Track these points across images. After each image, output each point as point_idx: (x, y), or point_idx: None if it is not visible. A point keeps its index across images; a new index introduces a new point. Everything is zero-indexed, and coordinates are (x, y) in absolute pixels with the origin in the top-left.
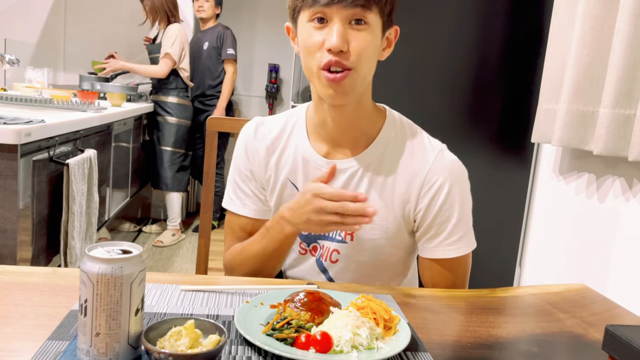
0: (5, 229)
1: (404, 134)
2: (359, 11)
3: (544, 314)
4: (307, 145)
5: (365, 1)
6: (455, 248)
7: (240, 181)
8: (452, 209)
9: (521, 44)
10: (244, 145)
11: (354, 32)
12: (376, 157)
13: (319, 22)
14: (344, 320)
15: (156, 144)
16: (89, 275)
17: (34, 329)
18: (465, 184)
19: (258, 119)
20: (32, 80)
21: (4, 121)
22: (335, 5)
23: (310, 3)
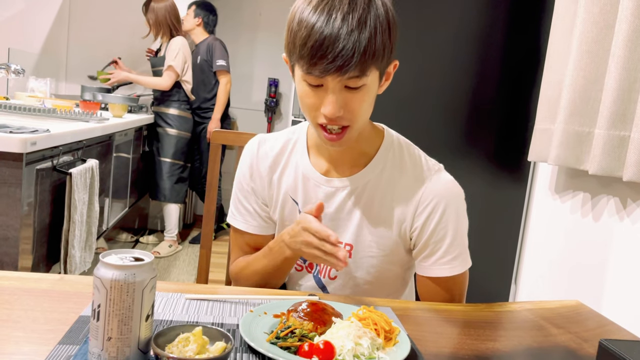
0: (8, 236)
1: (402, 154)
2: (354, 80)
3: (539, 329)
4: (307, 163)
5: (360, 70)
6: (450, 267)
7: (242, 198)
8: (446, 229)
9: (518, 65)
10: (248, 163)
11: (351, 94)
12: (374, 177)
13: (314, 85)
14: (346, 330)
15: (155, 155)
16: (102, 281)
17: (45, 333)
18: (460, 205)
19: (260, 137)
20: (35, 90)
21: (10, 130)
22: (330, 76)
23: (304, 68)
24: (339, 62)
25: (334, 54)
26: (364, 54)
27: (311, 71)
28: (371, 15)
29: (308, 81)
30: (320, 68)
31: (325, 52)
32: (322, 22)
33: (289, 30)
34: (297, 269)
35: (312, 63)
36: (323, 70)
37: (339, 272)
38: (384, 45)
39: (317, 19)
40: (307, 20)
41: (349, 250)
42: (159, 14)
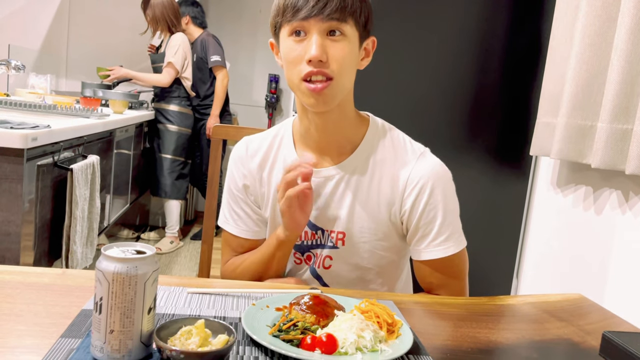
0: (9, 232)
1: (387, 139)
2: (335, 23)
3: (541, 322)
4: (294, 156)
5: (340, 14)
6: (444, 248)
7: (232, 203)
8: (436, 209)
9: (521, 59)
10: (237, 166)
11: (332, 42)
12: (360, 163)
13: (298, 36)
14: (348, 323)
15: (156, 151)
16: (104, 273)
17: (47, 326)
18: (448, 185)
19: (247, 138)
20: (35, 87)
21: (11, 125)
22: (313, 18)
23: (289, 18)
24: (321, 4)
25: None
26: (343, 0)
27: (294, 18)
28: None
29: (293, 30)
30: (303, 14)
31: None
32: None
33: (274, 5)
34: (296, 262)
35: (295, 10)
36: (305, 15)
37: (333, 261)
38: (361, 4)
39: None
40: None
41: (342, 238)
42: (156, 10)
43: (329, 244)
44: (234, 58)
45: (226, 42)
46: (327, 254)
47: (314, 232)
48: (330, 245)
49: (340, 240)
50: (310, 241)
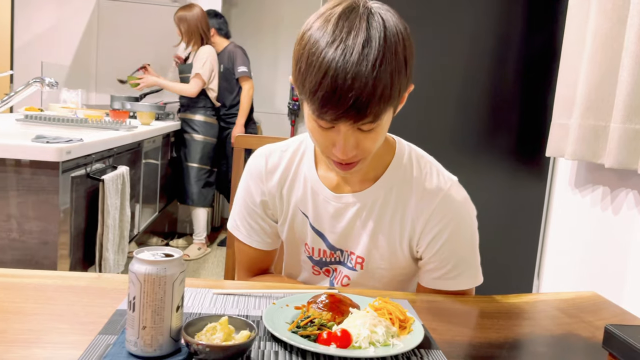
0: (47, 240)
1: (412, 170)
2: (367, 125)
3: (552, 318)
4: (315, 177)
5: (374, 117)
6: (456, 282)
7: (247, 215)
8: (453, 248)
9: (536, 61)
10: (255, 181)
11: (363, 135)
12: (384, 192)
13: (324, 127)
14: (362, 320)
15: (183, 160)
16: (137, 275)
17: (86, 325)
18: (470, 223)
19: (265, 150)
20: (67, 101)
21: (47, 140)
22: (342, 122)
23: (315, 114)
24: (353, 112)
25: (347, 103)
26: (378, 101)
27: (322, 117)
28: (387, 56)
29: (318, 123)
30: (332, 116)
31: (338, 102)
32: (334, 67)
33: (297, 65)
34: (314, 273)
35: (323, 111)
36: (335, 118)
37: (350, 281)
38: (400, 87)
39: (329, 64)
40: (318, 62)
41: (361, 263)
42: (191, 23)
43: (348, 264)
44: (256, 66)
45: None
46: (345, 274)
47: (333, 252)
48: (350, 267)
49: (359, 264)
50: (330, 259)
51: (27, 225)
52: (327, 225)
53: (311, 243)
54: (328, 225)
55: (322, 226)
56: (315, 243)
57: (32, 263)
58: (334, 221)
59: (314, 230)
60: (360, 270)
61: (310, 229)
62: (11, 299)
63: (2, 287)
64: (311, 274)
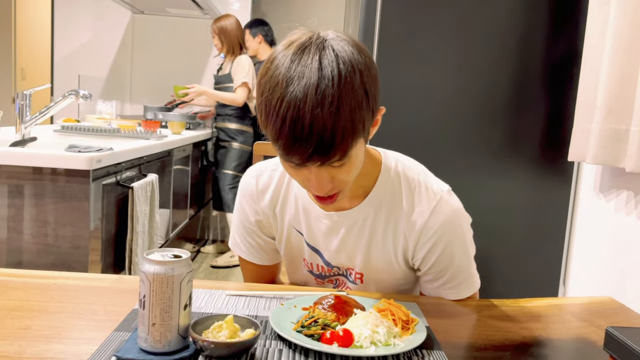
0: (79, 245)
1: (400, 184)
2: (337, 162)
3: (562, 322)
4: (306, 195)
5: (342, 154)
6: (456, 292)
7: (245, 234)
8: (449, 260)
9: (558, 65)
10: (248, 201)
11: (337, 170)
12: (374, 209)
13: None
14: (364, 320)
15: (218, 168)
16: (146, 274)
17: (104, 322)
18: (462, 236)
19: (256, 170)
20: (102, 112)
21: (79, 149)
22: (310, 164)
23: (282, 157)
24: (317, 155)
25: (310, 147)
26: (342, 140)
27: (290, 160)
28: (344, 92)
29: (288, 164)
30: (298, 160)
31: (300, 150)
32: (290, 116)
33: (259, 104)
34: (318, 284)
35: (288, 157)
36: (301, 162)
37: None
38: (364, 119)
39: (285, 113)
40: (275, 111)
41: (360, 277)
42: (230, 33)
43: (349, 278)
44: None
45: None
46: (347, 286)
47: (331, 268)
48: (351, 280)
49: (359, 279)
50: (329, 273)
51: (61, 231)
52: (321, 242)
53: (309, 259)
54: (322, 243)
55: (316, 243)
56: (312, 259)
57: (65, 267)
58: (327, 239)
59: (310, 247)
60: (361, 284)
61: (306, 245)
62: (37, 298)
63: (30, 287)
64: (316, 285)
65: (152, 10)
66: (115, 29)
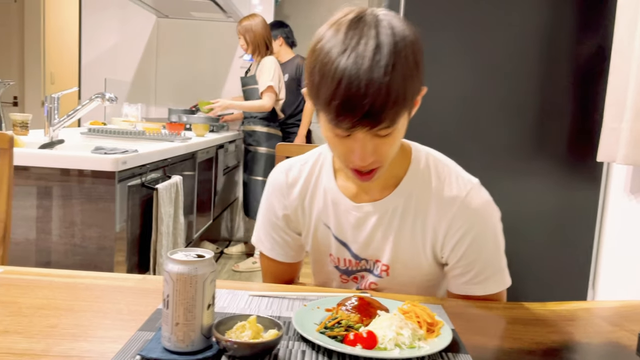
0: (105, 246)
1: (430, 175)
2: (384, 130)
3: (592, 326)
4: (335, 188)
5: (390, 122)
6: (483, 287)
7: (271, 229)
8: (478, 252)
9: (586, 63)
10: (277, 196)
11: (381, 141)
12: (403, 200)
13: (341, 135)
14: (388, 322)
15: (247, 173)
16: (170, 274)
17: (128, 322)
18: (492, 227)
19: (285, 165)
20: (128, 115)
21: (105, 151)
22: (358, 130)
23: (331, 124)
24: (368, 118)
25: (363, 110)
26: (393, 106)
27: (339, 126)
28: (398, 61)
29: (335, 132)
30: (349, 124)
31: (354, 111)
32: (347, 76)
33: (311, 77)
34: (343, 282)
35: (339, 120)
36: (351, 126)
37: (377, 287)
38: (414, 90)
39: (342, 73)
40: (331, 72)
41: (386, 270)
42: (257, 33)
43: (375, 272)
44: None
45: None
46: (372, 280)
47: (358, 261)
48: (376, 274)
49: (385, 271)
50: (356, 267)
51: (87, 232)
52: (349, 235)
53: (336, 253)
54: (350, 235)
55: (344, 236)
56: (339, 253)
57: (91, 267)
58: (355, 231)
59: (338, 241)
60: (386, 277)
61: (333, 239)
62: (64, 297)
63: (57, 287)
64: (340, 283)
65: (176, 15)
66: (140, 33)
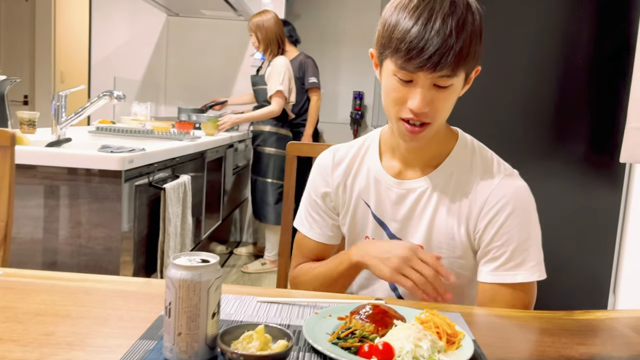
0: (111, 247)
1: (474, 156)
2: (445, 79)
3: (623, 338)
4: (379, 166)
5: (452, 70)
6: (513, 274)
7: (310, 208)
8: (511, 233)
9: (608, 62)
10: (321, 173)
11: (438, 93)
12: (444, 178)
13: (404, 79)
14: (406, 333)
15: (256, 175)
16: (172, 280)
17: (129, 329)
18: (528, 211)
19: (334, 147)
20: (137, 114)
21: (111, 150)
22: (423, 71)
23: (399, 63)
24: (435, 59)
25: (431, 51)
26: (458, 54)
27: (405, 66)
28: (469, 20)
29: (399, 76)
30: (415, 64)
31: (423, 49)
32: (423, 21)
33: (385, 24)
34: None
35: (407, 58)
36: (417, 66)
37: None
38: (475, 51)
39: (418, 18)
40: (408, 17)
41: None
42: (268, 30)
43: None
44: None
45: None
46: None
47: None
48: None
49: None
50: None
51: (93, 232)
52: (388, 213)
53: (372, 234)
54: (389, 213)
55: (383, 214)
56: (376, 233)
57: (97, 268)
58: (395, 207)
59: (376, 219)
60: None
61: (372, 218)
62: (63, 302)
63: (57, 291)
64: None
65: (186, 13)
66: (150, 32)
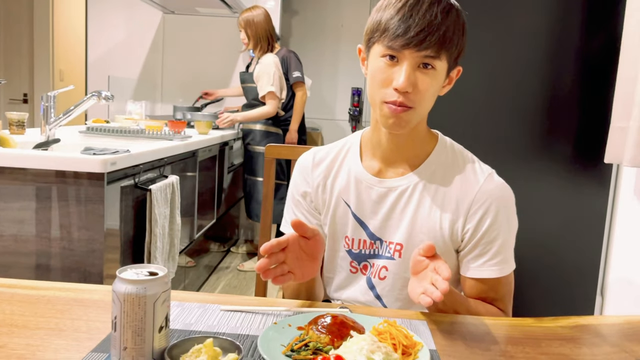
0: (94, 249)
1: (455, 157)
2: (429, 59)
3: (590, 346)
4: (359, 166)
5: (436, 49)
6: (499, 269)
7: (294, 207)
8: (499, 230)
9: (594, 62)
10: (301, 173)
11: (421, 75)
12: (425, 177)
13: (390, 60)
14: (359, 345)
15: (247, 174)
16: (117, 294)
17: (83, 341)
18: (512, 207)
19: (315, 148)
20: (132, 112)
21: (94, 152)
22: (409, 49)
23: (386, 42)
24: (421, 37)
25: (417, 30)
26: (443, 36)
27: (392, 44)
28: (453, 12)
29: (387, 52)
30: (401, 41)
31: (409, 27)
32: (410, 6)
33: (376, 12)
34: (352, 271)
35: (394, 36)
36: (403, 43)
37: (388, 272)
38: (458, 40)
39: (406, 3)
40: (396, 2)
41: (399, 250)
42: (258, 26)
43: (386, 255)
44: (317, 73)
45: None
46: (383, 264)
47: (373, 241)
48: (387, 256)
49: (397, 252)
50: (368, 250)
51: (76, 235)
52: (368, 212)
53: (352, 234)
54: (369, 212)
55: (363, 214)
56: (355, 233)
57: (80, 271)
58: (376, 206)
59: (356, 219)
60: (399, 259)
61: (352, 218)
62: (22, 311)
63: (18, 300)
64: (349, 273)
65: (182, 10)
66: (146, 30)
